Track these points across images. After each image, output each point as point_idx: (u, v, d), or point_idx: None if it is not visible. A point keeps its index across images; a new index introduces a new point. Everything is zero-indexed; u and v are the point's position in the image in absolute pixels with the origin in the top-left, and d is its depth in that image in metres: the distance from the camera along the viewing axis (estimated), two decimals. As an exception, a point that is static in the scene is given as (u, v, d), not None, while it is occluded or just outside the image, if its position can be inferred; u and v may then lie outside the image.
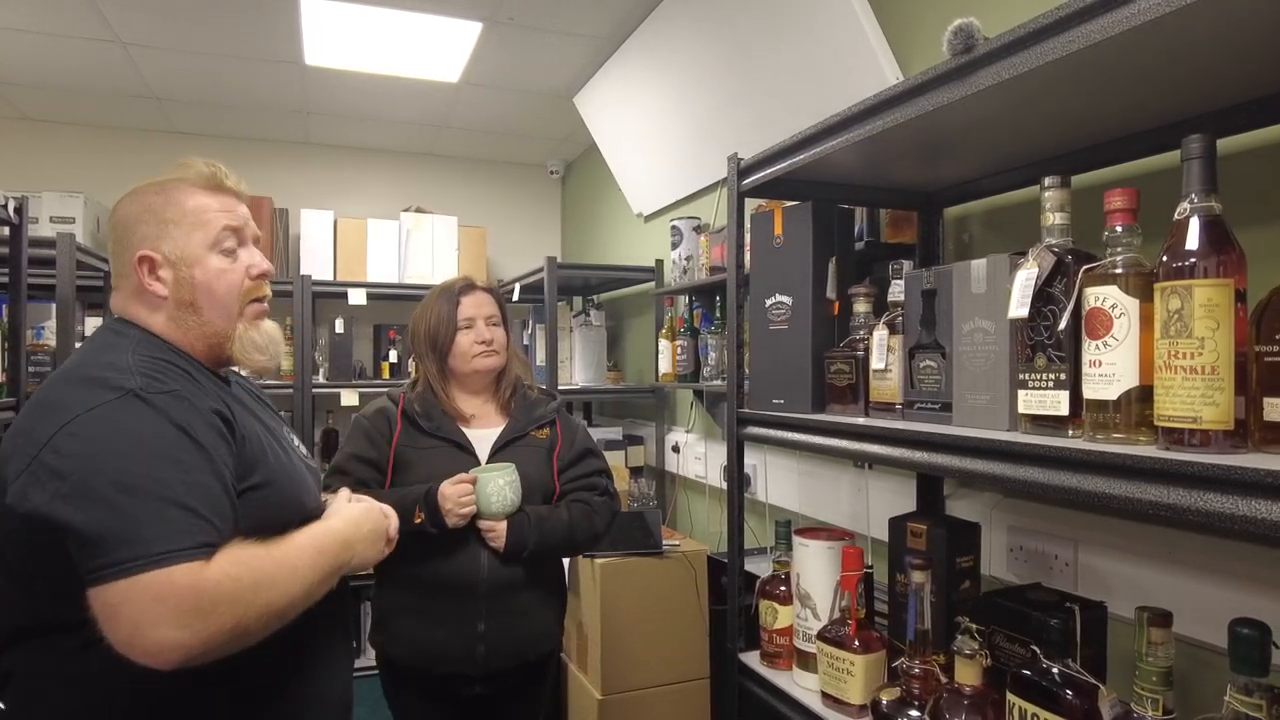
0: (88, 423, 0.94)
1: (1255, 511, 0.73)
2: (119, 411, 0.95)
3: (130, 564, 0.87)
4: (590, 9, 2.67)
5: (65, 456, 0.92)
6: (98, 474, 0.91)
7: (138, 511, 0.90)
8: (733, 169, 1.64)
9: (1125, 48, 0.89)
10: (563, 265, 3.17)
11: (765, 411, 1.58)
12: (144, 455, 0.94)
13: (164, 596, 0.87)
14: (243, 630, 0.93)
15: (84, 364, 1.03)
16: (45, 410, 0.97)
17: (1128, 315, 0.92)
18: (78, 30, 2.81)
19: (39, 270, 2.50)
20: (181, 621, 0.87)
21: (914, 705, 1.20)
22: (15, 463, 0.94)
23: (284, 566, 1.00)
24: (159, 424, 0.97)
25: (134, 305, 1.13)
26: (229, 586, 0.92)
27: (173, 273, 1.11)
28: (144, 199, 1.14)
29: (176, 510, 0.92)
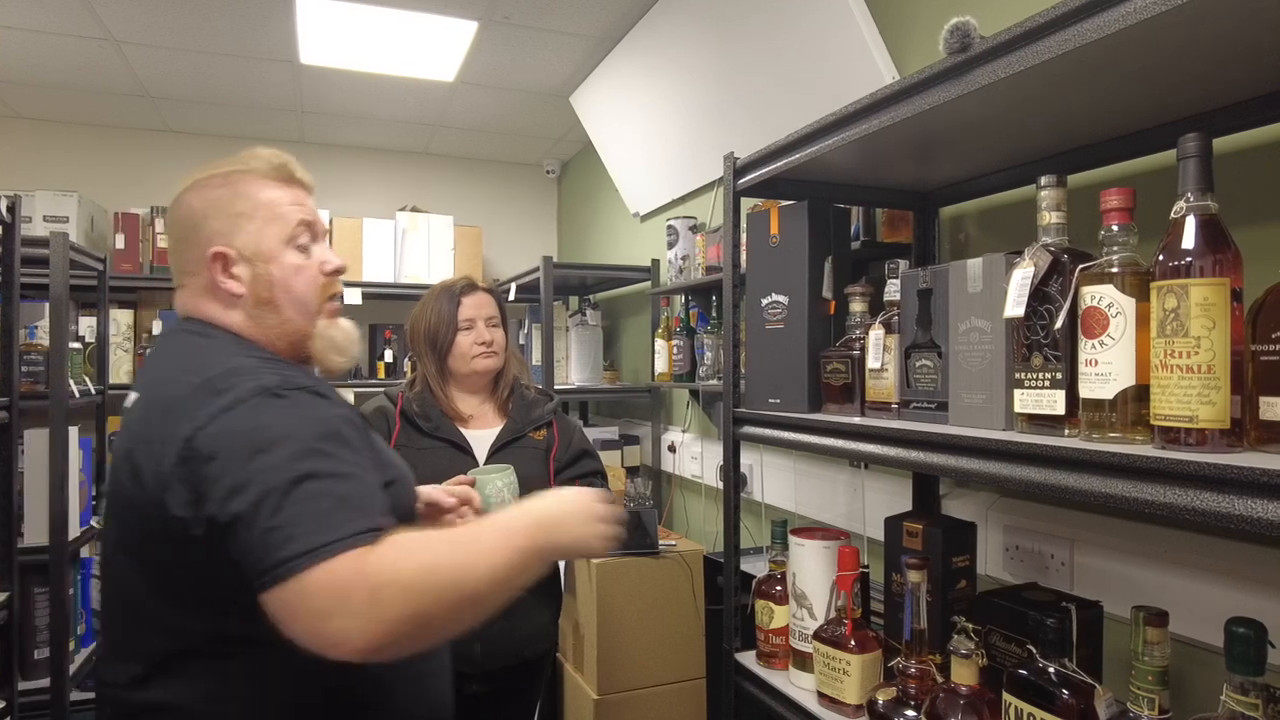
0: (229, 422, 0.89)
1: (1251, 510, 0.73)
2: (259, 409, 0.90)
3: (295, 561, 0.82)
4: (586, 8, 2.66)
5: (211, 460, 0.87)
6: (247, 473, 0.86)
7: (294, 507, 0.85)
8: (729, 168, 1.64)
9: (1121, 47, 0.89)
10: (559, 265, 3.16)
11: (761, 411, 1.57)
12: (291, 451, 0.88)
13: (332, 588, 0.82)
14: (425, 617, 0.85)
15: (194, 368, 0.96)
16: (173, 417, 0.91)
17: (1124, 314, 0.92)
18: (71, 28, 2.80)
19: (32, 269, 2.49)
20: (353, 610, 0.82)
21: (910, 705, 1.20)
22: (153, 475, 0.90)
23: (460, 548, 0.91)
24: (301, 419, 0.92)
25: (206, 304, 1.07)
26: (396, 570, 0.85)
27: (249, 269, 1.06)
28: (209, 192, 1.08)
29: (330, 502, 0.87)
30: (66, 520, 2.41)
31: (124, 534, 0.96)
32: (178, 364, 1.00)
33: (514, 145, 4.21)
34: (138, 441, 0.94)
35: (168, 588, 0.93)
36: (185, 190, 1.09)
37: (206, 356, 0.99)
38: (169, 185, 1.10)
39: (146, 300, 3.61)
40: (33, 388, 2.53)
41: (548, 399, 1.98)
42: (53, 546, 2.38)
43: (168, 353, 1.05)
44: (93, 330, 3.15)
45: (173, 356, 1.03)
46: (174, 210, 1.09)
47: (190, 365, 0.98)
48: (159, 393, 0.96)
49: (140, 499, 0.91)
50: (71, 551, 2.50)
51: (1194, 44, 0.89)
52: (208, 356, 0.99)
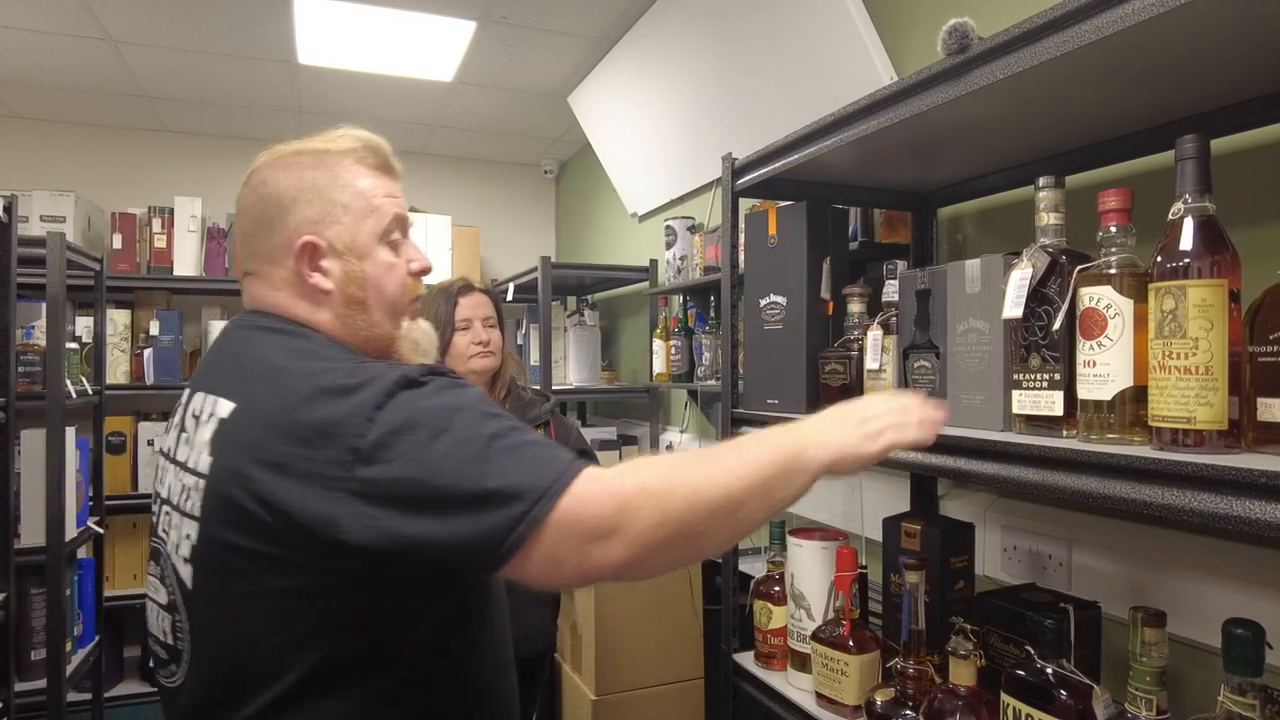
0: (389, 420, 0.79)
1: (1249, 512, 0.73)
2: (413, 399, 0.82)
3: (535, 509, 0.76)
4: (584, 8, 2.66)
5: (389, 462, 0.78)
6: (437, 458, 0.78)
7: (503, 464, 0.78)
8: (727, 169, 1.64)
9: (1120, 48, 0.89)
10: (557, 265, 3.16)
11: (760, 411, 1.57)
12: (471, 419, 0.81)
13: (576, 522, 0.77)
14: (679, 525, 0.79)
15: (311, 373, 0.85)
16: (321, 433, 0.80)
17: (1122, 315, 0.92)
18: (68, 28, 2.79)
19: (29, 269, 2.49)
20: (607, 530, 0.77)
21: (908, 706, 1.20)
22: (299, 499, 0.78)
23: (707, 460, 0.84)
24: (453, 396, 0.84)
25: (289, 298, 0.96)
26: (641, 482, 0.80)
27: (340, 265, 0.95)
28: (302, 172, 0.96)
29: (532, 447, 0.81)
30: (63, 521, 2.41)
31: (244, 559, 0.82)
32: (288, 365, 0.88)
33: (512, 145, 4.21)
34: (270, 455, 0.80)
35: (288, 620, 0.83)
36: (266, 166, 0.98)
37: (318, 359, 0.89)
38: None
39: (144, 300, 3.60)
40: (29, 388, 2.53)
41: (544, 399, 1.99)
42: (49, 547, 2.38)
43: (261, 358, 0.91)
44: (90, 330, 3.14)
45: (274, 363, 0.89)
46: (255, 188, 0.97)
47: (306, 368, 0.86)
48: (279, 400, 0.84)
49: (280, 530, 0.80)
50: (68, 552, 2.50)
51: (1192, 45, 0.89)
52: (319, 359, 0.89)
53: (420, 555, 0.79)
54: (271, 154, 0.99)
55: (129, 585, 3.43)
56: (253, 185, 0.97)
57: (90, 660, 2.75)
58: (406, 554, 0.78)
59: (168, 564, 0.90)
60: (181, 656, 0.89)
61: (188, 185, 3.78)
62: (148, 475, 3.41)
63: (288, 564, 0.81)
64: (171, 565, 0.89)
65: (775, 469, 0.87)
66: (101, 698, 3.05)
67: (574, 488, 0.78)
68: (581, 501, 0.78)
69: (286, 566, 0.81)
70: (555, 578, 0.80)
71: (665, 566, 0.82)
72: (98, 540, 2.98)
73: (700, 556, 0.86)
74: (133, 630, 3.62)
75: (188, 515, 0.87)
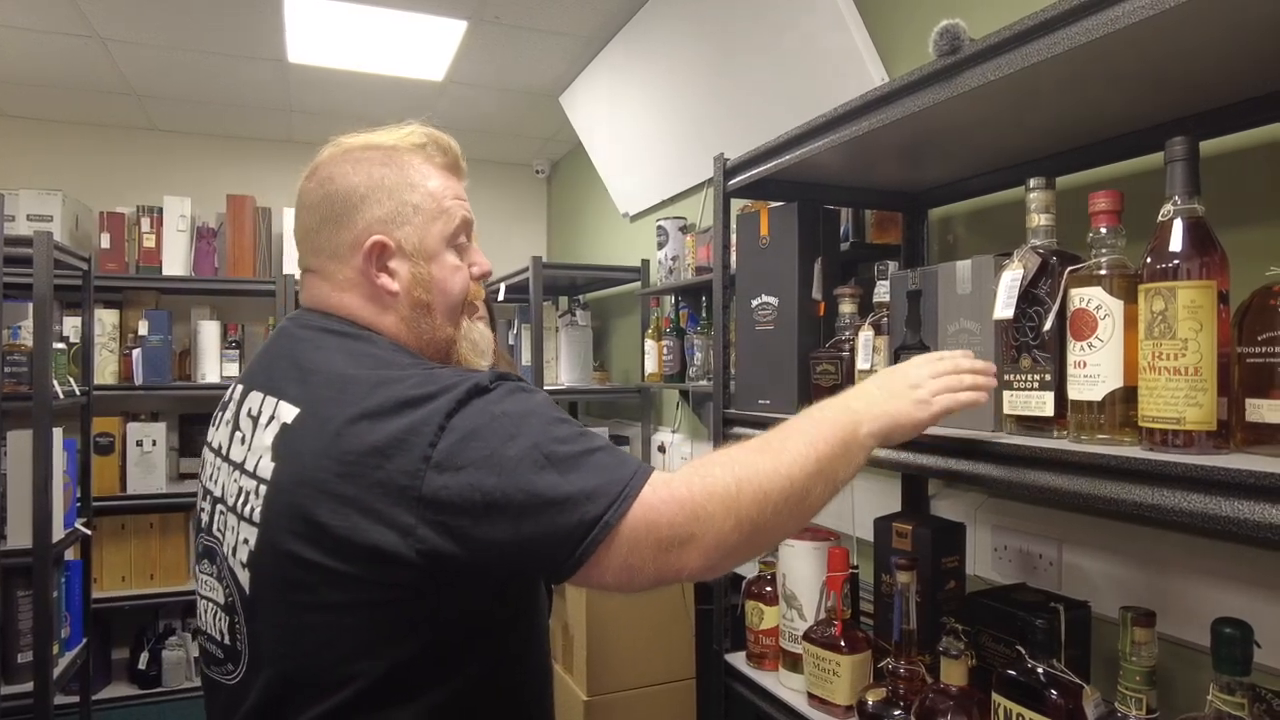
0: (461, 426, 0.79)
1: (1238, 512, 0.73)
2: (483, 405, 0.81)
3: (609, 513, 0.76)
4: (576, 8, 2.66)
5: (465, 473, 0.77)
6: (509, 465, 0.77)
7: (574, 470, 0.78)
8: (719, 169, 1.64)
9: (1110, 50, 0.90)
10: (548, 265, 3.15)
11: (751, 412, 1.57)
12: (540, 425, 0.81)
13: (654, 523, 0.77)
14: (751, 523, 0.80)
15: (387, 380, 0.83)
16: (396, 441, 0.78)
17: (1112, 316, 0.92)
18: (55, 25, 2.77)
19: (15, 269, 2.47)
20: (683, 536, 0.78)
21: (899, 705, 1.20)
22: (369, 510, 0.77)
23: (768, 452, 0.84)
24: (521, 402, 0.83)
25: (355, 300, 0.93)
26: (708, 486, 0.80)
27: (409, 267, 0.93)
28: (371, 169, 0.93)
29: (601, 453, 0.81)
30: (50, 522, 2.39)
31: (311, 571, 0.80)
32: (353, 373, 0.85)
33: (503, 145, 4.20)
34: (343, 466, 0.79)
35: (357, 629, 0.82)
36: (333, 160, 0.95)
37: (384, 366, 0.86)
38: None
39: (132, 300, 3.58)
40: (16, 388, 2.51)
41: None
42: (36, 549, 2.36)
43: (326, 360, 0.88)
44: (77, 330, 3.12)
45: (336, 362, 0.87)
46: (321, 183, 0.94)
47: (374, 376, 0.84)
48: (347, 408, 0.81)
49: (349, 531, 0.78)
50: (55, 554, 2.48)
51: (1181, 48, 0.90)
52: (385, 366, 0.86)
53: (491, 561, 0.78)
54: (339, 147, 0.96)
55: (117, 587, 3.41)
56: (318, 180, 0.95)
57: (78, 663, 2.73)
58: (477, 560, 0.78)
59: (224, 565, 0.88)
60: (241, 657, 0.88)
61: (177, 185, 3.75)
62: (136, 476, 3.39)
63: (351, 578, 0.79)
64: (229, 567, 0.87)
65: (834, 449, 0.87)
66: (89, 700, 3.03)
67: (645, 495, 0.78)
68: (654, 510, 0.78)
69: (349, 580, 0.79)
70: (631, 584, 0.80)
71: (740, 562, 0.83)
72: (85, 542, 2.96)
73: (772, 546, 0.88)
74: (120, 633, 3.60)
75: (246, 519, 0.84)
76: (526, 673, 0.96)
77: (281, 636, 0.84)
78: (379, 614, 0.81)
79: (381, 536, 0.77)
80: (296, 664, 0.83)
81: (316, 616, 0.81)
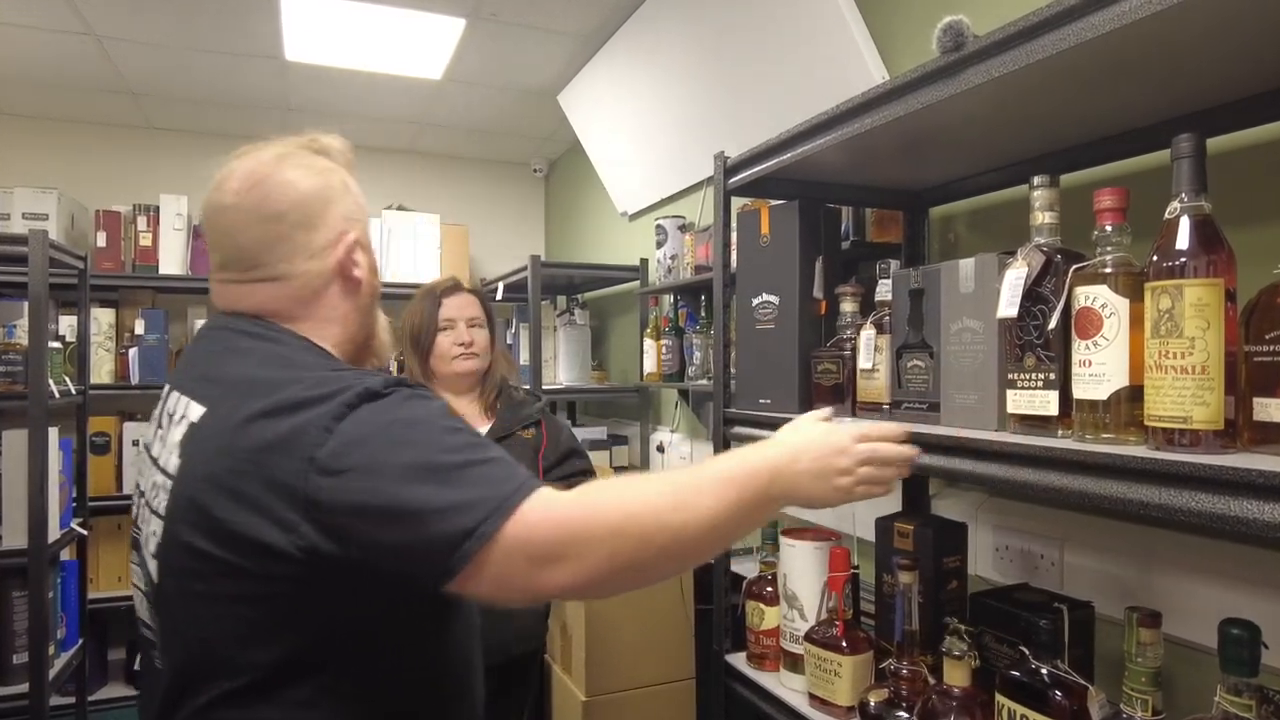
0: (349, 430, 0.82)
1: (1245, 512, 0.73)
2: (376, 410, 0.84)
3: (484, 526, 0.78)
4: (575, 6, 2.65)
5: (344, 473, 0.80)
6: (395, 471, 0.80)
7: (458, 480, 0.80)
8: (719, 167, 1.63)
9: (1115, 46, 0.89)
10: (547, 264, 3.15)
11: (752, 411, 1.57)
12: (431, 434, 0.84)
13: (523, 544, 0.79)
14: (630, 560, 0.81)
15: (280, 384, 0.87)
16: (288, 438, 0.82)
17: (1118, 315, 0.91)
18: (50, 23, 2.75)
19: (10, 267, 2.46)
20: (549, 557, 0.79)
21: (902, 706, 1.20)
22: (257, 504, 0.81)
23: (675, 493, 0.85)
24: (419, 407, 0.87)
25: (322, 297, 0.98)
26: (596, 513, 0.81)
27: (366, 258, 1.02)
28: (315, 175, 0.99)
29: (490, 466, 0.83)
30: (46, 522, 2.37)
31: (207, 563, 0.85)
32: (260, 374, 0.90)
33: (501, 144, 4.19)
34: (236, 463, 0.83)
35: (252, 619, 0.85)
36: (280, 169, 0.98)
37: (291, 368, 0.91)
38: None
39: (128, 299, 3.56)
40: (11, 387, 2.49)
41: (536, 399, 1.98)
42: (32, 549, 2.34)
43: (239, 359, 0.93)
44: (73, 329, 3.10)
45: (249, 364, 0.92)
46: (279, 186, 0.97)
47: (278, 378, 0.89)
48: (247, 408, 0.85)
49: (239, 526, 0.82)
50: (51, 554, 2.46)
51: (1188, 44, 0.89)
52: (292, 368, 0.91)
53: (370, 563, 0.81)
54: (271, 154, 0.99)
55: (113, 587, 3.39)
56: (274, 185, 0.96)
57: (74, 664, 2.72)
58: (357, 561, 0.81)
59: (144, 556, 0.94)
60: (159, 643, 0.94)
61: (173, 183, 3.73)
62: (133, 476, 3.37)
63: (241, 570, 0.83)
64: (145, 558, 0.93)
65: (742, 510, 0.88)
66: (85, 701, 3.01)
67: (524, 510, 0.80)
68: (530, 526, 0.80)
69: (240, 572, 0.83)
70: (503, 595, 0.82)
71: (618, 591, 0.85)
72: (81, 542, 2.94)
73: (658, 581, 0.88)
74: (117, 633, 3.58)
75: (156, 513, 0.90)
76: (440, 663, 0.97)
77: (182, 624, 0.89)
78: (268, 605, 0.85)
79: (268, 532, 0.81)
80: (195, 650, 0.88)
81: (211, 606, 0.85)
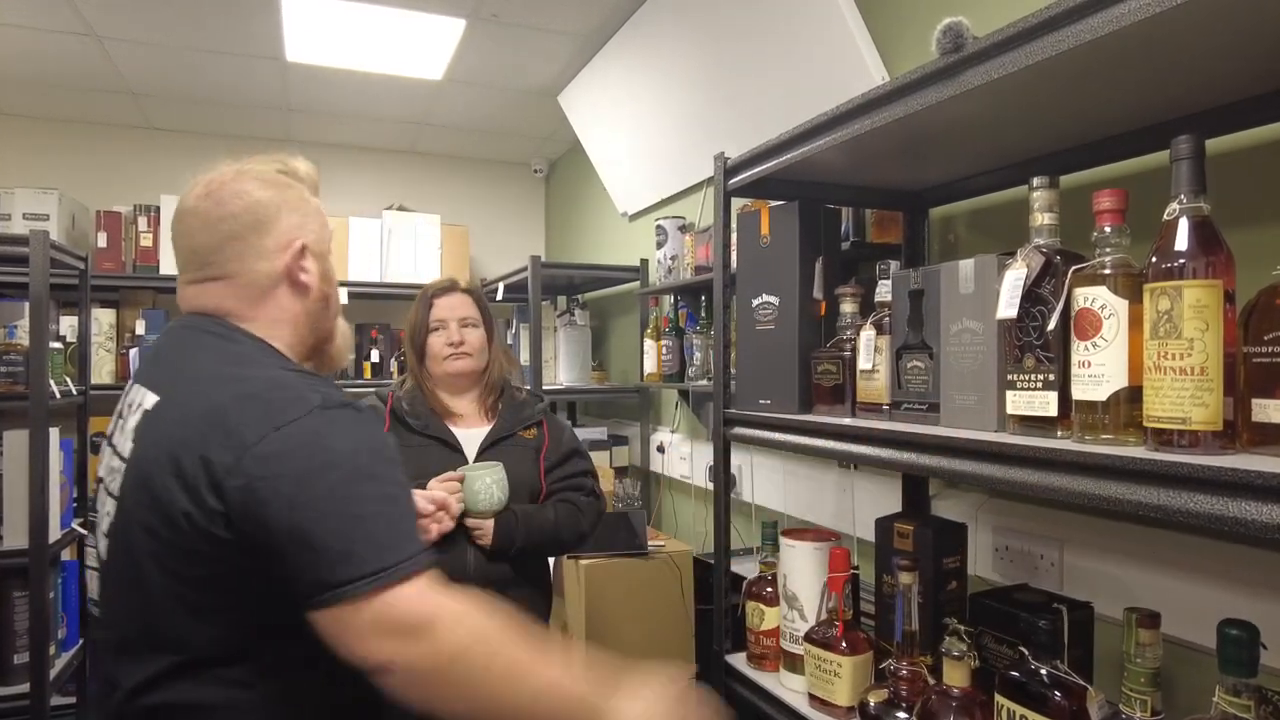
0: (282, 441, 0.88)
1: (1244, 513, 0.73)
2: (312, 429, 0.90)
3: (356, 584, 0.84)
4: (575, 6, 2.65)
5: (263, 479, 0.87)
6: (303, 494, 0.87)
7: (351, 530, 0.87)
8: (719, 168, 1.63)
9: (1114, 48, 0.89)
10: (547, 264, 3.15)
11: (751, 412, 1.57)
12: (346, 473, 0.90)
13: (389, 618, 0.85)
14: (456, 691, 0.87)
15: (235, 377, 0.95)
16: (220, 430, 0.89)
17: (1117, 316, 0.91)
18: (51, 23, 2.76)
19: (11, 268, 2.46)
20: (401, 632, 0.86)
21: (901, 707, 1.20)
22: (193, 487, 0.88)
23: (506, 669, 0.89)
24: (351, 439, 0.92)
25: (240, 304, 1.03)
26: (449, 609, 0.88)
27: (318, 264, 1.09)
28: (279, 190, 1.07)
29: (385, 525, 0.89)
30: (47, 522, 2.37)
31: (152, 540, 0.92)
32: (213, 369, 0.97)
33: (501, 144, 4.19)
34: (180, 450, 0.90)
35: (195, 600, 0.92)
36: (236, 182, 1.05)
37: (247, 368, 0.97)
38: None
39: (129, 300, 3.56)
40: (12, 388, 2.49)
41: (538, 400, 1.98)
42: (33, 549, 2.34)
43: (196, 356, 1.00)
44: (74, 330, 3.10)
45: (205, 362, 0.99)
46: (233, 197, 1.04)
47: (229, 373, 0.96)
48: (199, 402, 0.92)
49: (177, 512, 0.89)
50: (52, 555, 2.46)
51: (1187, 45, 0.89)
52: (248, 368, 0.97)
53: (263, 565, 0.88)
54: (230, 171, 1.08)
55: (114, 587, 3.39)
56: (228, 195, 1.04)
57: (74, 664, 2.71)
58: (255, 560, 0.88)
59: (98, 536, 1.02)
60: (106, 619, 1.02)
61: (174, 183, 3.72)
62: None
63: (176, 547, 0.90)
64: (99, 538, 1.01)
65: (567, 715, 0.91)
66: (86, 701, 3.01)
67: (404, 588, 0.86)
68: (391, 603, 0.85)
69: (175, 549, 0.90)
70: (339, 647, 0.87)
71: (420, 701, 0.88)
72: (82, 542, 2.94)
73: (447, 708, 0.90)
74: (118, 633, 3.57)
75: (111, 495, 0.98)
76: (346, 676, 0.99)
77: (124, 600, 0.97)
78: (201, 584, 0.91)
79: (196, 515, 0.88)
80: (136, 626, 0.95)
81: (150, 582, 0.92)
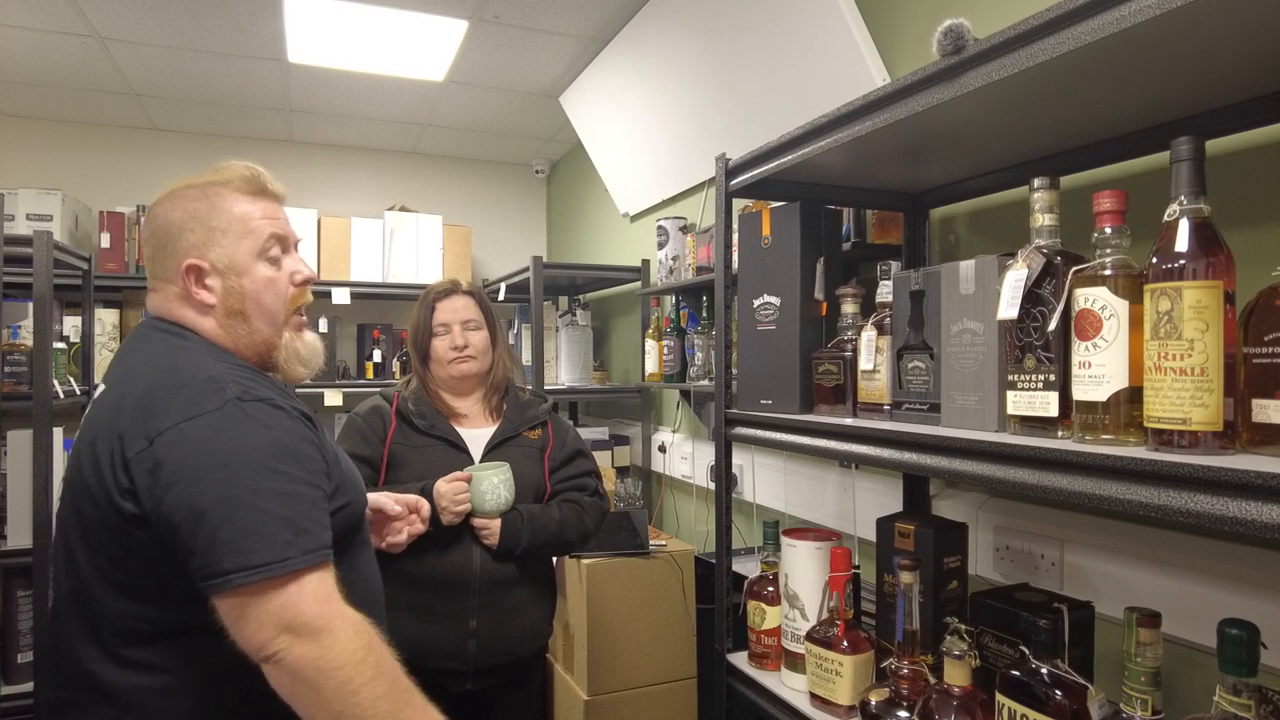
0: (192, 430, 0.95)
1: (1244, 513, 0.73)
2: (221, 421, 0.96)
3: (235, 575, 0.90)
4: (576, 8, 2.66)
5: (166, 464, 0.93)
6: (200, 482, 0.93)
7: (241, 521, 0.92)
8: (721, 169, 1.64)
9: (1115, 50, 0.89)
10: (548, 265, 3.15)
11: (753, 412, 1.57)
12: (245, 466, 0.95)
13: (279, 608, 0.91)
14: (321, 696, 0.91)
15: (169, 369, 1.02)
16: (141, 415, 0.97)
17: (1117, 317, 0.92)
18: (54, 24, 2.76)
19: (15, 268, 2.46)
20: (294, 629, 0.91)
21: (902, 706, 1.20)
22: (109, 467, 0.96)
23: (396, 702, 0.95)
24: (258, 433, 0.98)
25: (180, 309, 1.11)
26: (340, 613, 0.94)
27: (221, 281, 1.10)
28: (187, 204, 1.11)
29: (276, 522, 0.93)
30: (50, 522, 2.38)
31: (79, 520, 1.01)
32: (152, 362, 1.04)
33: (503, 145, 4.20)
34: (103, 431, 0.98)
35: (112, 574, 0.99)
36: (163, 200, 1.13)
37: (181, 359, 1.04)
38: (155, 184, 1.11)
39: (132, 300, 3.57)
40: (15, 388, 2.50)
41: (542, 400, 1.99)
42: (36, 549, 2.35)
43: (142, 350, 1.08)
44: (77, 330, 3.11)
45: (147, 354, 1.07)
46: (151, 219, 1.13)
47: (165, 365, 1.03)
48: (131, 388, 1.00)
49: (96, 488, 0.97)
50: (55, 554, 2.47)
51: (1188, 47, 0.90)
52: (182, 359, 1.04)
53: (166, 543, 0.94)
54: (168, 189, 1.14)
55: (117, 587, 3.40)
56: (151, 217, 1.14)
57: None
58: (159, 536, 0.94)
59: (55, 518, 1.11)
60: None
61: (176, 184, 3.75)
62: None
63: (99, 524, 0.98)
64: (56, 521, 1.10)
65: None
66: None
67: (298, 585, 0.93)
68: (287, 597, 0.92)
69: (98, 526, 0.98)
70: (238, 638, 0.93)
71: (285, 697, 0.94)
72: (85, 542, 2.95)
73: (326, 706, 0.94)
74: (120, 632, 3.58)
75: (65, 479, 1.07)
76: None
77: (61, 576, 1.05)
78: (120, 561, 0.98)
79: (112, 492, 0.96)
80: (68, 602, 1.03)
81: (79, 559, 1.01)
